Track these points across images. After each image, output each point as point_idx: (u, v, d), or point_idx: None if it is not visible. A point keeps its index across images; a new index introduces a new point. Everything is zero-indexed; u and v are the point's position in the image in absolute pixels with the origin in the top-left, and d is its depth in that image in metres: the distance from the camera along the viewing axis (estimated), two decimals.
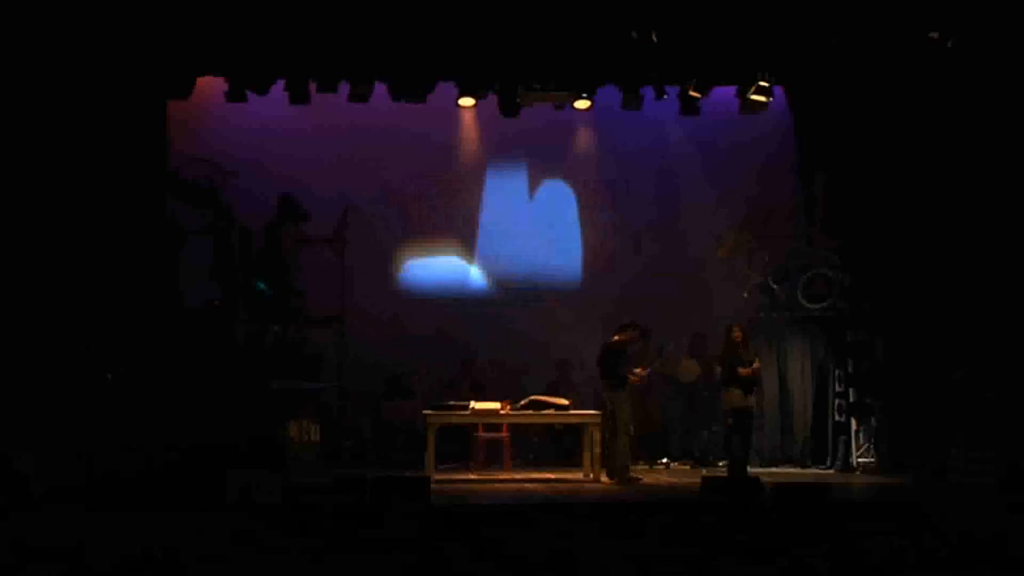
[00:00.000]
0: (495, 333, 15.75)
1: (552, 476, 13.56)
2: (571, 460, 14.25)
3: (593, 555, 9.07)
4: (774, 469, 14.22)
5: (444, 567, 8.80)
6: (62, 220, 12.33)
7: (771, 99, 14.04)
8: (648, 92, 14.14)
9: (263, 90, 13.69)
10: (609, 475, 13.04)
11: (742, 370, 13.08)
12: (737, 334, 13.27)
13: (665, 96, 14.24)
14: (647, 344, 14.79)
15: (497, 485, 12.69)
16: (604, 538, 9.42)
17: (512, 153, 16.19)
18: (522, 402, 13.39)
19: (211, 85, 13.97)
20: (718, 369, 13.55)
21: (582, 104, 14.24)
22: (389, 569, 8.65)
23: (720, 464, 14.76)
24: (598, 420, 13.04)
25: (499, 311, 16.06)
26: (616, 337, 13.40)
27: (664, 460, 14.83)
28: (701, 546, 9.12)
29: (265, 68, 13.43)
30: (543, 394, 13.97)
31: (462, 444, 14.31)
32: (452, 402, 13.49)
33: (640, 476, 13.33)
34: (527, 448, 14.96)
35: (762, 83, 13.75)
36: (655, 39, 12.73)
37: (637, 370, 13.56)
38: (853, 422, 14.14)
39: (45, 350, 12.03)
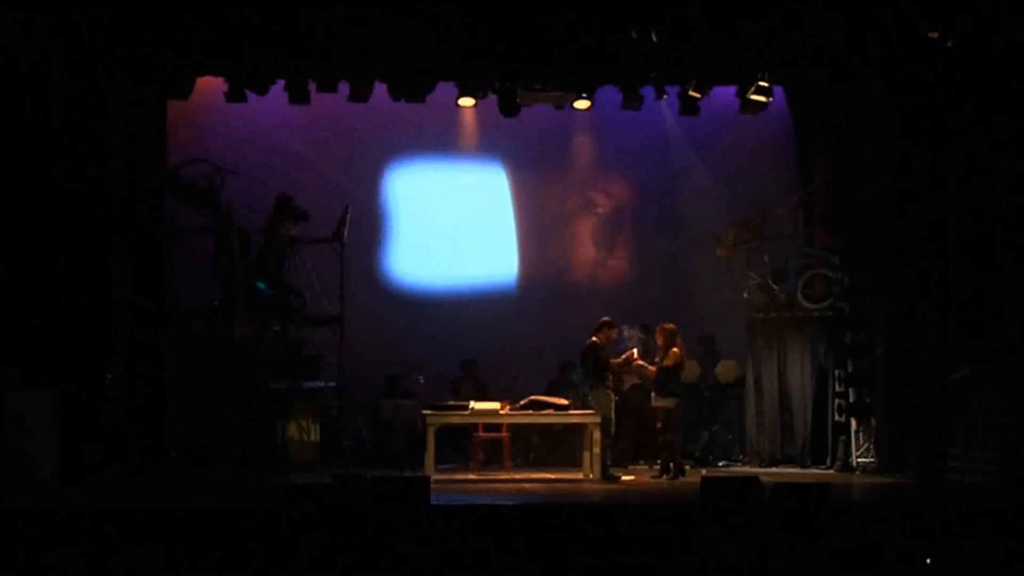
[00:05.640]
0: (496, 333, 15.76)
1: (552, 476, 13.55)
2: (571, 460, 14.23)
3: (593, 555, 9.07)
4: (774, 469, 14.20)
5: (443, 567, 8.81)
6: (61, 220, 12.32)
7: (771, 99, 14.05)
8: (648, 92, 14.15)
9: (263, 90, 13.70)
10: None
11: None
12: (657, 336, 13.52)
13: (665, 96, 14.25)
14: (649, 342, 14.78)
15: (497, 485, 12.68)
16: (604, 539, 9.41)
17: (512, 153, 16.21)
18: (522, 402, 13.38)
19: (211, 85, 13.98)
20: (650, 369, 13.57)
21: (582, 104, 14.24)
22: (389, 569, 8.66)
23: (720, 464, 14.77)
24: (598, 420, 13.04)
25: (500, 311, 16.09)
26: (593, 338, 13.39)
27: None
28: (701, 546, 9.12)
29: (265, 68, 13.43)
30: (543, 394, 13.96)
31: (462, 444, 14.30)
32: (452, 402, 13.49)
33: (620, 475, 13.29)
34: (527, 448, 14.96)
35: (762, 83, 13.76)
36: (655, 39, 12.73)
37: (614, 360, 13.48)
38: (853, 422, 14.12)
39: (43, 349, 12.02)
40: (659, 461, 13.60)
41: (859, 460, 13.93)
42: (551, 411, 13.31)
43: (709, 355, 15.41)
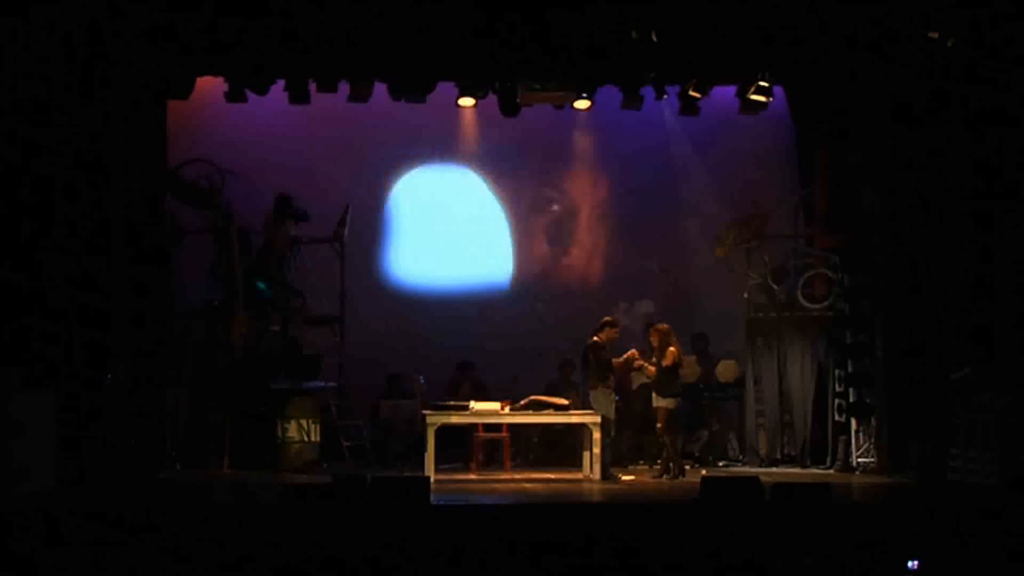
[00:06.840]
0: (496, 332, 15.76)
1: (552, 476, 13.55)
2: (571, 460, 14.23)
3: (592, 555, 9.07)
4: (774, 469, 14.20)
5: (443, 567, 8.81)
6: (61, 220, 12.31)
7: (771, 99, 14.05)
8: (648, 92, 14.14)
9: (263, 90, 13.68)
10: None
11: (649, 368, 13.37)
12: (652, 337, 13.46)
13: (665, 96, 14.24)
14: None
15: (497, 485, 12.69)
16: (604, 539, 9.41)
17: (512, 153, 16.21)
18: (522, 402, 13.38)
19: (211, 85, 13.97)
20: (650, 369, 13.51)
21: (582, 104, 14.24)
22: (389, 569, 8.66)
23: (720, 464, 14.77)
24: (598, 420, 13.04)
25: (500, 311, 16.09)
26: (594, 337, 13.38)
27: None
28: (701, 546, 9.12)
29: (265, 68, 13.42)
30: (543, 394, 13.96)
31: (462, 444, 14.30)
32: (452, 402, 13.49)
33: (620, 475, 13.29)
34: (527, 448, 14.96)
35: (762, 83, 13.76)
36: (655, 39, 12.73)
37: (616, 360, 13.48)
38: (853, 422, 14.13)
39: (43, 349, 12.02)
40: (659, 461, 13.61)
41: (859, 460, 13.94)
42: (551, 411, 13.31)
43: (703, 355, 15.37)
